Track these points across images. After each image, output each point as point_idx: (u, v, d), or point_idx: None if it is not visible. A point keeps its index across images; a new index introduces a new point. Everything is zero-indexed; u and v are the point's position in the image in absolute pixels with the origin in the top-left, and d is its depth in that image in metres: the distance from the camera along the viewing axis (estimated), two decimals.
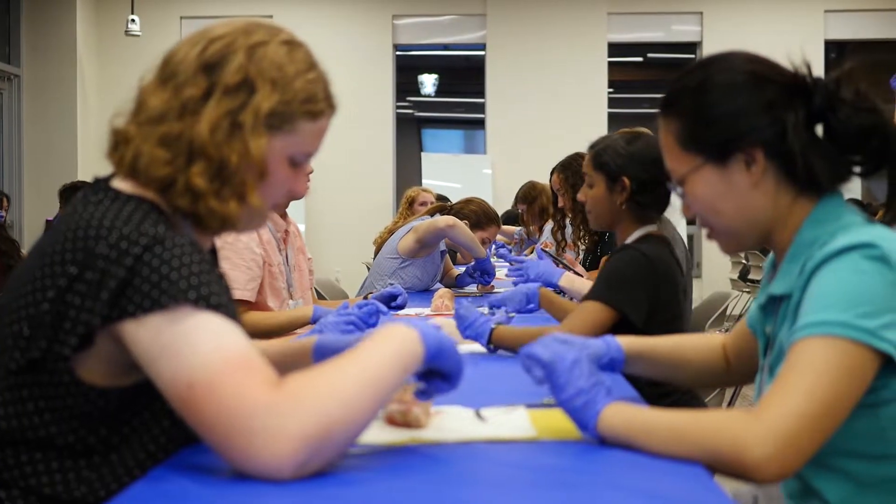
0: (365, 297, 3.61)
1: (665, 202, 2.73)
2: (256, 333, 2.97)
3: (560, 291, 3.51)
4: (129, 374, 1.33)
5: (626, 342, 1.76)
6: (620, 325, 2.48)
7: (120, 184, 1.38)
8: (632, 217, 2.70)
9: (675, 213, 3.71)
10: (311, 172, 3.50)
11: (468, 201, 5.02)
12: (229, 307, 1.29)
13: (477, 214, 4.92)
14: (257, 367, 1.22)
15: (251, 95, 1.35)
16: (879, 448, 1.40)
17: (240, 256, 3.25)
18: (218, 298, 1.26)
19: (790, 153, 1.46)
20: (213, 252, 1.62)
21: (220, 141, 1.33)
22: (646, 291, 2.52)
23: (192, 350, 1.22)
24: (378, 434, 1.48)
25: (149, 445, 1.38)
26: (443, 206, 5.13)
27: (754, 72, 1.50)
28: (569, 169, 5.32)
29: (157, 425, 1.38)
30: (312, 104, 1.41)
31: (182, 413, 1.24)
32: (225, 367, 1.20)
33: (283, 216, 3.61)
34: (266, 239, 3.40)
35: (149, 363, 1.25)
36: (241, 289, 3.21)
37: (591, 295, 2.51)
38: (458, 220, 4.56)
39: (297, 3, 11.49)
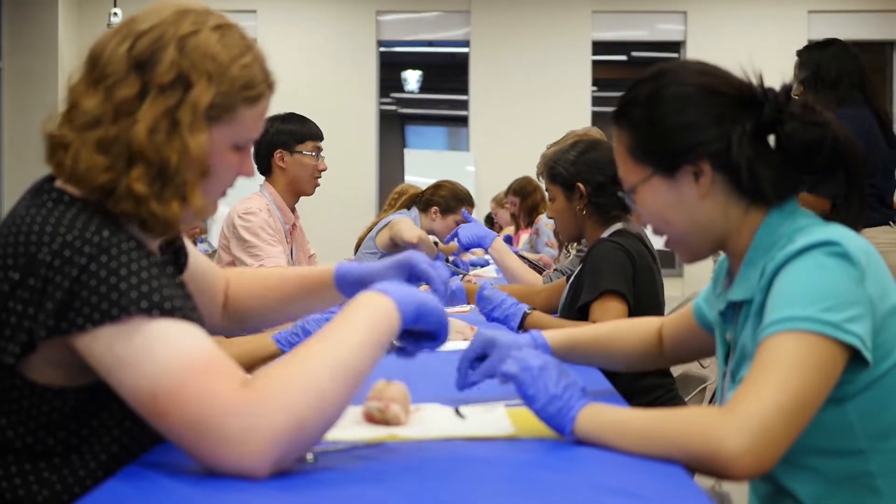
0: None
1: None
2: None
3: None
4: (83, 376, 1.29)
5: (552, 336, 1.84)
6: None
7: (63, 183, 1.34)
8: (596, 221, 2.77)
9: None
10: (324, 170, 3.71)
11: (438, 186, 4.98)
12: (185, 308, 1.26)
13: (446, 199, 4.89)
14: (221, 367, 1.21)
15: (187, 91, 1.30)
16: (848, 443, 1.41)
17: (263, 231, 3.49)
18: (171, 303, 1.23)
19: (737, 166, 1.47)
20: (175, 247, 1.59)
21: (159, 142, 1.29)
22: (628, 279, 2.56)
23: (151, 360, 1.20)
24: (357, 431, 1.47)
25: (111, 447, 1.35)
26: (415, 195, 5.09)
27: (704, 84, 1.50)
28: (519, 193, 5.48)
29: (117, 426, 1.35)
30: (251, 89, 1.37)
31: (150, 422, 1.22)
32: (187, 373, 1.18)
33: (293, 210, 3.78)
34: (276, 228, 3.54)
35: (107, 374, 1.23)
36: (276, 257, 3.48)
37: (598, 291, 2.52)
38: (424, 235, 4.56)
39: None
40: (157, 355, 1.20)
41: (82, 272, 1.22)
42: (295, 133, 3.72)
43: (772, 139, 1.48)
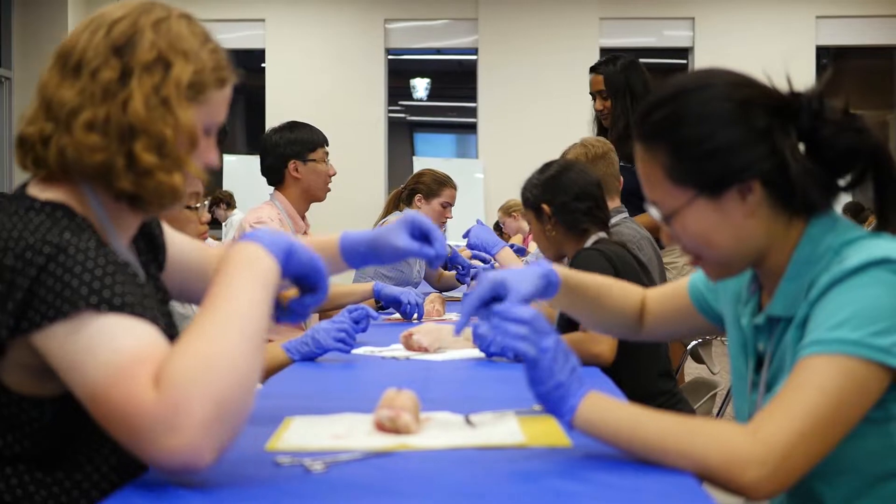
0: None
1: (598, 213, 2.81)
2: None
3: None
4: (53, 384, 1.29)
5: (563, 272, 1.70)
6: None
7: (35, 190, 1.37)
8: (570, 237, 2.83)
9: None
10: (334, 174, 3.80)
11: (419, 175, 4.95)
12: (138, 304, 1.26)
13: (428, 185, 4.85)
14: (143, 364, 1.19)
15: (168, 70, 1.35)
16: (889, 464, 1.38)
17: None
18: (122, 298, 1.24)
19: (786, 179, 1.41)
20: (152, 238, 1.61)
21: (155, 117, 1.33)
22: None
23: (92, 360, 1.20)
24: (367, 440, 1.47)
25: (110, 458, 1.36)
26: (398, 191, 5.06)
27: (741, 99, 1.42)
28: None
29: (109, 439, 1.32)
30: (220, 72, 1.41)
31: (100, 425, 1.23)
32: (115, 376, 1.18)
33: (303, 217, 3.84)
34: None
35: (62, 374, 1.24)
36: None
37: None
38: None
39: (289, 7, 11.47)
40: (97, 355, 1.20)
41: (41, 272, 1.23)
42: (306, 142, 3.79)
43: (802, 146, 1.43)
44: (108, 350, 1.20)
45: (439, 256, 1.64)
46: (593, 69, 4.37)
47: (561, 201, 2.80)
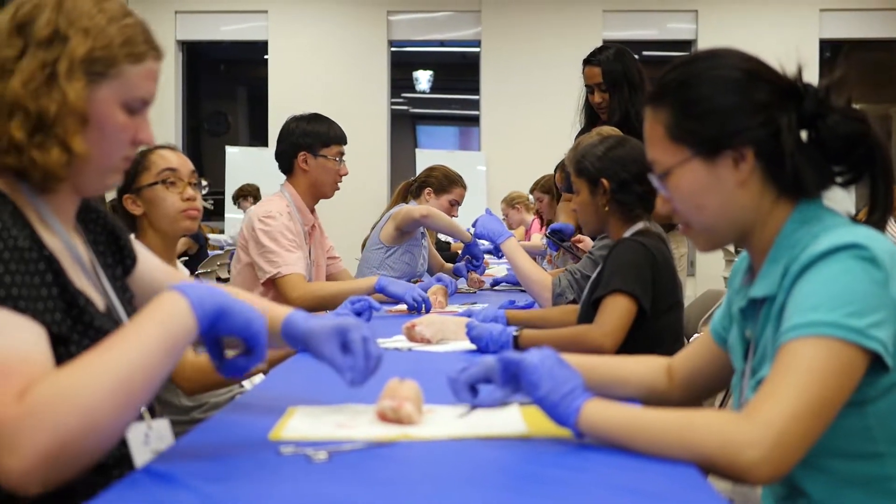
0: None
1: (650, 199, 2.77)
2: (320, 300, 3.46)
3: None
4: None
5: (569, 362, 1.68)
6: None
7: None
8: (619, 217, 2.77)
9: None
10: (345, 174, 3.72)
11: (430, 169, 4.96)
12: (22, 297, 1.24)
13: (439, 180, 4.86)
14: (12, 374, 1.18)
15: (65, 45, 1.36)
16: (866, 446, 1.40)
17: (283, 237, 3.52)
18: (6, 290, 1.23)
19: (780, 155, 1.45)
20: (115, 237, 1.61)
21: (35, 93, 1.34)
22: (644, 280, 2.56)
23: None
24: (369, 430, 1.48)
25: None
26: (408, 183, 5.07)
27: (750, 70, 1.49)
28: (549, 191, 5.49)
29: None
30: (132, 46, 1.41)
31: None
32: None
33: (312, 211, 3.80)
34: (296, 231, 3.61)
35: None
36: (293, 264, 3.51)
37: (609, 289, 2.52)
38: (432, 208, 4.56)
39: None
40: None
41: None
42: (321, 136, 3.72)
43: (804, 134, 1.47)
44: None
45: (352, 379, 1.54)
46: (588, 61, 4.33)
47: (622, 179, 2.74)
